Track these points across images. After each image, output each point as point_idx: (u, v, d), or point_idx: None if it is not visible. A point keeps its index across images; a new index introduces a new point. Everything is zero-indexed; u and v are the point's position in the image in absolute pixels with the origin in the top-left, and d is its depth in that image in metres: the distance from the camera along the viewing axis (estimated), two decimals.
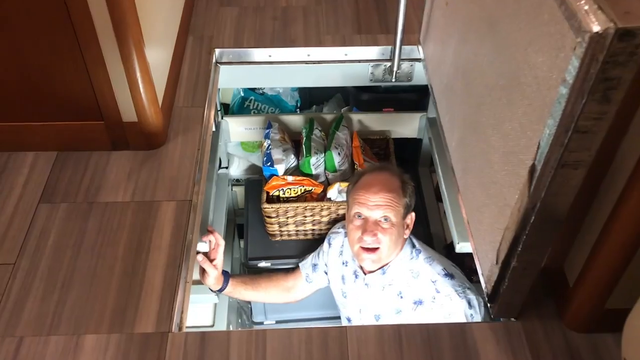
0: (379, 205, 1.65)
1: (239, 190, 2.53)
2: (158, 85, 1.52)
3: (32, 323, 1.21)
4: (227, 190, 2.41)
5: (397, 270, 1.72)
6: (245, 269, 2.18)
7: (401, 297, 1.74)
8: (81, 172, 1.50)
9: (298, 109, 2.50)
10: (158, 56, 1.59)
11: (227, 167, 2.41)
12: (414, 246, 1.77)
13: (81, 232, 1.37)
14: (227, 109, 2.53)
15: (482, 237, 1.23)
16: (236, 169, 2.50)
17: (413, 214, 1.74)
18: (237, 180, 2.56)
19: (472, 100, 1.29)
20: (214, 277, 1.84)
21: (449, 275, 1.70)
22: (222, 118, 2.24)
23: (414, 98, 2.27)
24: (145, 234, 1.36)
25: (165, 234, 1.37)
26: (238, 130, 2.30)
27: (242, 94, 2.37)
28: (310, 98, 2.57)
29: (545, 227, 1.02)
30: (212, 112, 1.75)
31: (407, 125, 2.29)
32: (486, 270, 1.20)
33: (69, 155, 1.54)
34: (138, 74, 1.40)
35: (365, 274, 1.80)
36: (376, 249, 1.67)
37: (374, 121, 2.28)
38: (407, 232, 1.74)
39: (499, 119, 1.12)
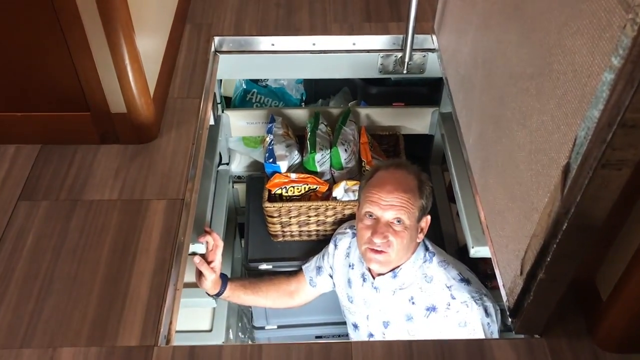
0: (392, 206, 1.54)
1: (241, 188, 2.41)
2: (150, 74, 1.40)
3: (2, 334, 1.09)
4: (228, 187, 2.29)
5: (409, 274, 1.61)
6: (245, 270, 2.06)
7: (413, 303, 1.63)
8: (65, 167, 1.38)
9: (303, 103, 2.37)
10: (150, 42, 1.47)
11: (227, 164, 2.29)
12: (427, 249, 1.66)
13: (62, 233, 1.25)
14: (229, 103, 2.41)
15: (504, 245, 1.10)
16: (237, 166, 2.38)
17: (429, 217, 1.63)
18: (239, 177, 2.44)
19: (493, 91, 1.16)
20: (211, 280, 1.72)
21: (465, 280, 1.58)
22: (222, 111, 2.13)
23: (425, 92, 2.15)
24: (132, 236, 1.25)
25: (154, 236, 1.25)
26: (239, 125, 2.18)
27: (244, 87, 2.25)
28: (316, 91, 2.45)
29: (580, 236, 0.89)
30: (210, 105, 1.63)
31: (418, 121, 2.17)
32: (508, 282, 1.08)
33: (53, 149, 1.42)
34: (127, 61, 1.28)
35: (374, 277, 1.68)
36: (384, 252, 1.56)
37: (383, 116, 2.16)
38: (421, 236, 1.62)
39: (525, 112, 0.99)
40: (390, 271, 1.64)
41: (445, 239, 2.09)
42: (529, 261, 0.98)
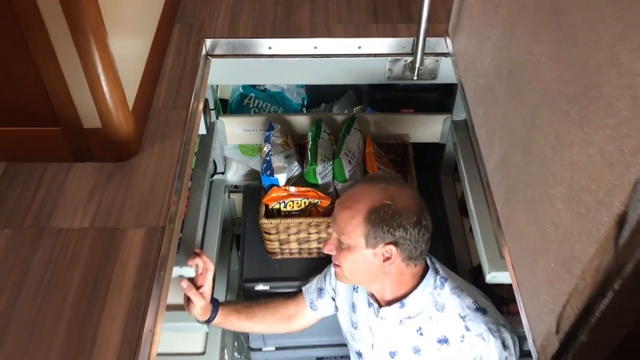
0: (333, 222, 1.45)
1: (237, 198, 2.26)
2: (129, 83, 1.24)
3: None
4: (223, 198, 2.13)
5: (418, 302, 1.47)
6: (240, 291, 1.90)
7: (421, 334, 1.48)
8: (33, 189, 1.22)
9: (304, 108, 2.21)
10: (129, 46, 1.30)
11: (223, 173, 2.13)
12: (437, 272, 1.50)
13: (25, 267, 1.09)
14: (225, 106, 2.25)
15: (533, 293, 0.94)
16: (234, 175, 2.23)
17: (390, 247, 1.36)
18: (235, 186, 2.28)
19: (521, 110, 0.99)
20: (200, 307, 1.57)
21: (481, 310, 1.44)
22: (217, 118, 1.96)
23: (437, 98, 1.98)
24: (104, 272, 1.09)
25: (129, 271, 1.09)
26: (235, 132, 2.02)
27: (241, 91, 2.08)
28: (319, 95, 2.29)
29: (636, 297, 0.72)
30: (199, 116, 1.46)
31: (428, 129, 2.00)
32: (539, 338, 0.91)
33: (20, 168, 1.26)
34: (99, 69, 1.12)
35: (380, 305, 1.53)
36: (338, 265, 1.48)
37: (391, 123, 1.99)
38: (389, 266, 1.40)
39: (564, 140, 0.83)
40: (397, 301, 1.49)
41: (457, 257, 1.93)
42: (567, 319, 0.81)
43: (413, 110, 1.98)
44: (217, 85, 2.30)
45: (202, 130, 1.72)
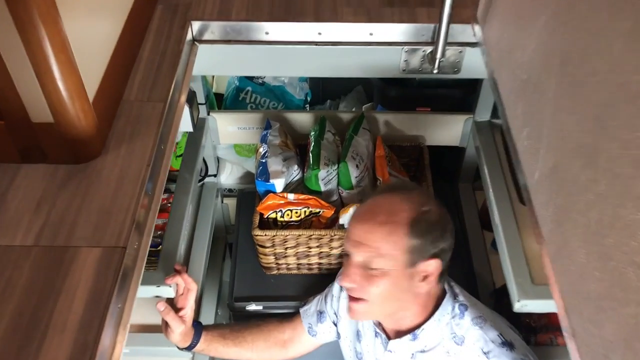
0: (361, 245, 1.19)
1: (231, 203, 2.03)
2: (89, 70, 1.02)
3: None
4: (215, 203, 1.91)
5: (434, 334, 1.26)
6: (230, 312, 1.68)
7: None
8: None
9: (307, 105, 1.98)
10: (92, 26, 1.08)
11: (215, 175, 1.91)
12: (455, 298, 1.28)
13: None
14: (221, 101, 2.03)
15: (599, 352, 0.70)
16: (228, 177, 2.01)
17: (433, 261, 1.19)
18: (230, 190, 2.06)
19: (582, 109, 0.76)
20: (179, 332, 1.35)
21: (507, 344, 1.23)
22: (207, 114, 1.74)
23: (458, 95, 1.75)
24: (45, 304, 0.86)
25: (76, 305, 0.86)
26: (229, 131, 1.79)
27: (237, 84, 1.86)
28: (323, 91, 2.06)
29: None
30: (180, 108, 1.24)
31: (447, 130, 1.77)
32: None
33: None
34: (48, 50, 0.90)
35: (388, 337, 1.30)
36: (361, 299, 1.21)
37: (405, 123, 1.77)
38: (425, 286, 1.21)
39: None
40: (409, 332, 1.27)
41: (477, 276, 1.69)
42: None
43: (430, 109, 1.74)
44: (212, 77, 2.08)
45: (188, 127, 1.50)
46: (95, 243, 0.94)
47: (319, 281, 1.63)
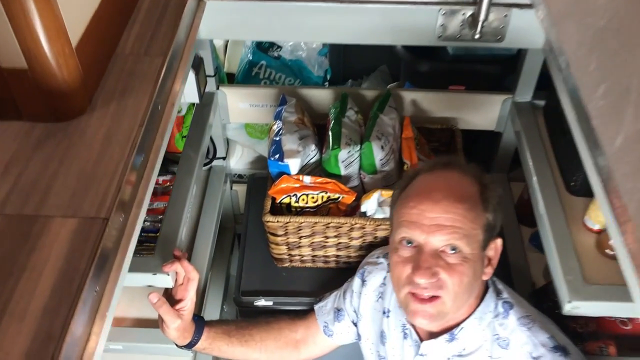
0: (440, 226, 1.00)
1: (241, 190, 1.86)
2: (74, 8, 0.85)
3: None
4: (224, 189, 1.75)
5: (474, 336, 1.10)
6: (236, 307, 1.51)
7: None
8: None
9: (327, 83, 1.80)
10: None
11: (224, 158, 1.74)
12: (499, 294, 1.11)
13: None
14: (232, 83, 1.86)
15: None
16: (238, 161, 1.84)
17: (499, 240, 1.09)
18: (240, 176, 1.89)
19: None
20: (175, 327, 1.18)
21: (561, 349, 1.06)
22: (217, 88, 1.57)
23: (496, 72, 1.57)
24: (3, 284, 0.70)
25: (42, 286, 0.70)
26: (240, 108, 1.62)
27: (250, 57, 1.68)
28: (344, 70, 1.88)
29: None
30: (183, 67, 1.07)
31: (482, 112, 1.59)
32: None
33: None
34: None
35: (421, 338, 1.13)
36: (436, 297, 1.02)
37: (436, 103, 1.59)
38: (489, 271, 1.08)
39: None
40: (446, 332, 1.09)
41: (514, 276, 1.51)
42: None
43: (464, 87, 1.56)
44: (224, 55, 1.91)
45: (194, 97, 1.33)
46: (72, 213, 0.77)
47: (336, 276, 1.45)
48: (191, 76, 1.28)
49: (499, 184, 1.55)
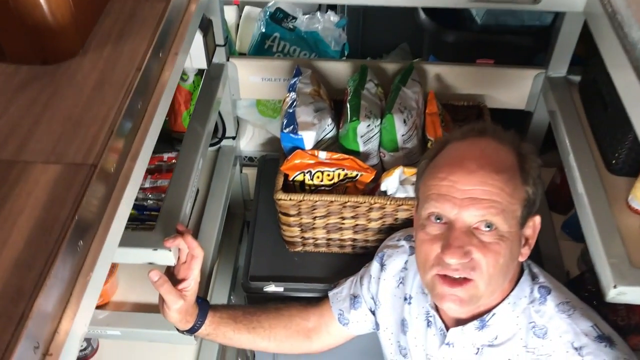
0: (475, 200, 0.89)
1: (251, 174, 1.75)
2: None
3: None
4: (233, 172, 1.64)
5: (508, 323, 0.98)
6: (244, 293, 1.40)
7: None
8: None
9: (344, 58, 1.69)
10: None
11: (234, 138, 1.63)
12: (534, 278, 1.00)
13: None
14: None
15: None
16: (248, 142, 1.73)
17: (537, 218, 0.98)
18: (251, 159, 1.78)
19: None
20: (177, 309, 1.08)
21: (606, 339, 0.94)
22: (227, 59, 1.47)
23: (528, 44, 1.45)
24: None
25: (15, 237, 0.59)
26: (251, 82, 1.52)
27: (263, 30, 1.58)
28: (362, 47, 1.77)
29: None
30: (189, 16, 0.97)
31: (512, 89, 1.48)
32: None
33: None
34: None
35: (447, 325, 1.01)
36: (467, 280, 0.90)
37: (462, 78, 1.48)
38: (526, 252, 0.97)
39: None
40: (476, 318, 0.97)
41: (546, 265, 1.38)
42: None
43: (493, 61, 1.44)
44: (236, 33, 1.81)
45: (201, 62, 1.23)
46: (55, 159, 0.66)
47: (353, 262, 1.34)
48: (198, 38, 1.18)
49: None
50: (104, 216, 0.67)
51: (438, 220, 0.93)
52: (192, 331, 1.15)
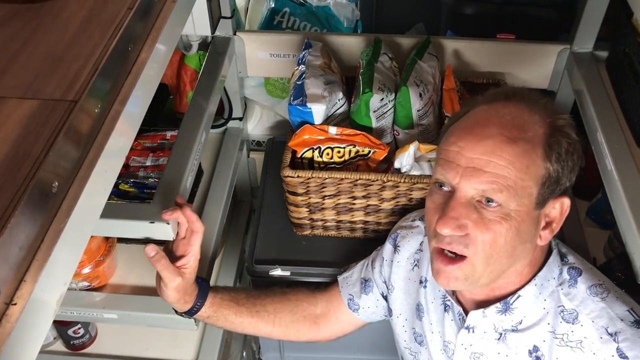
0: (477, 171, 0.81)
1: (260, 159, 1.68)
2: None
3: None
4: (239, 155, 1.57)
5: (533, 306, 0.90)
6: (249, 277, 1.32)
7: (537, 358, 0.90)
8: None
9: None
10: None
11: (240, 119, 1.56)
12: (563, 258, 0.92)
13: None
14: None
15: None
16: (256, 125, 1.66)
17: (566, 200, 0.86)
18: (259, 143, 1.71)
19: None
20: (174, 287, 1.00)
21: None
22: (233, 33, 1.40)
23: (552, 17, 1.37)
24: None
25: None
26: (259, 58, 1.45)
27: (272, 5, 1.51)
28: (377, 24, 1.69)
29: None
30: None
31: (534, 66, 1.40)
32: None
33: None
34: None
35: (465, 310, 0.93)
36: (462, 258, 0.84)
37: (481, 54, 1.40)
38: (547, 235, 0.87)
39: None
40: (498, 301, 0.89)
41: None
42: None
43: (514, 36, 1.36)
44: (246, 14, 1.74)
45: (204, 28, 1.16)
46: (31, 94, 0.59)
47: (364, 246, 1.26)
48: (202, 2, 1.11)
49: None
50: (86, 160, 0.59)
51: (442, 188, 0.85)
52: (191, 313, 1.08)
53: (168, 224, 0.97)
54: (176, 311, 1.09)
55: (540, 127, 0.83)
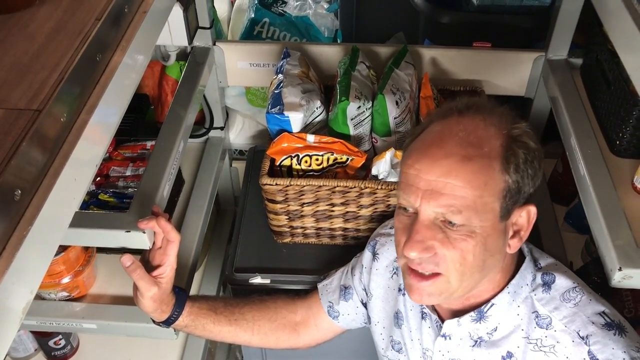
0: (435, 194, 0.81)
1: (241, 168, 1.69)
2: None
3: None
4: (221, 165, 1.58)
5: (507, 314, 0.91)
6: (229, 286, 1.33)
7: None
8: None
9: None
10: None
11: (222, 128, 1.57)
12: (537, 264, 0.93)
13: None
14: None
15: None
16: (238, 135, 1.67)
17: (532, 208, 0.86)
18: (241, 152, 1.72)
19: None
20: (150, 297, 1.00)
21: (616, 326, 0.86)
22: (213, 44, 1.41)
23: (527, 25, 1.39)
24: None
25: None
26: (239, 68, 1.46)
27: (252, 15, 1.53)
28: (356, 36, 1.71)
29: None
30: None
31: (511, 73, 1.42)
32: None
33: None
34: None
35: (441, 318, 0.94)
36: (437, 274, 0.84)
37: (458, 62, 1.42)
38: (516, 244, 0.87)
39: None
40: (474, 309, 0.90)
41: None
42: None
43: (490, 44, 1.38)
44: (228, 26, 1.76)
45: (181, 38, 1.17)
46: None
47: (344, 254, 1.27)
48: (177, 10, 1.12)
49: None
50: (51, 168, 0.60)
51: (407, 210, 0.85)
52: (168, 322, 1.08)
53: (144, 233, 0.98)
54: (154, 321, 1.09)
55: (497, 139, 0.82)
